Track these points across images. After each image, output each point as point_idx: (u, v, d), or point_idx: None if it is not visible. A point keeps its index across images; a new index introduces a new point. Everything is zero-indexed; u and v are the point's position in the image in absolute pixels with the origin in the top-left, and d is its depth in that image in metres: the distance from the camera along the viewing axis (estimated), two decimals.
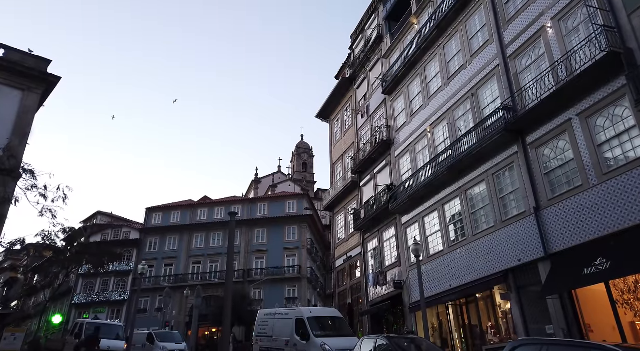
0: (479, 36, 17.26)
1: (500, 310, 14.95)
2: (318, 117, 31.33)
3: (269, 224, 45.20)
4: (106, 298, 46.26)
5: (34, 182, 7.19)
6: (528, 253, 13.41)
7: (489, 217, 15.35)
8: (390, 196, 20.36)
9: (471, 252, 15.70)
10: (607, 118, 11.85)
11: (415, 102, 20.86)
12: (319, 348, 13.27)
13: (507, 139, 14.62)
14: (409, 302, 18.53)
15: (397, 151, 21.44)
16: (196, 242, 46.82)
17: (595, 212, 11.58)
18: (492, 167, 15.42)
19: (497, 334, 14.74)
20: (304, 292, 42.50)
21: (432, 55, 19.91)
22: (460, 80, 17.80)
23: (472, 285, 15.41)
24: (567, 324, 11.92)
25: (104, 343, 18.55)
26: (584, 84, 12.13)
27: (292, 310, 16.34)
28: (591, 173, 11.91)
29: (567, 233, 12.30)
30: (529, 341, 7.69)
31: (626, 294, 11.11)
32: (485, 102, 16.37)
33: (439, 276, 17.05)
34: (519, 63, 15.08)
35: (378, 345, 10.95)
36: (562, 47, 13.30)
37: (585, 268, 11.14)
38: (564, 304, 12.12)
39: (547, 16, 14.04)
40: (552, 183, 13.22)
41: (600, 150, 11.84)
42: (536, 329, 12.91)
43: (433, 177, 17.68)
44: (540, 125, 13.66)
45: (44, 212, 10.34)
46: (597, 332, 11.55)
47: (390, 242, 20.97)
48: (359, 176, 24.71)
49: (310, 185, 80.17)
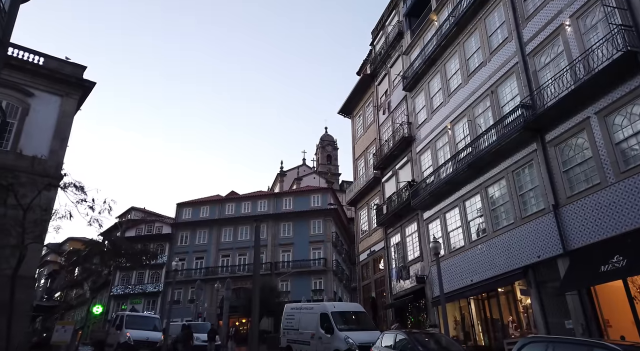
0: (498, 33, 17.31)
1: (521, 305, 15.25)
2: (340, 113, 31.78)
3: (295, 218, 46.15)
4: (142, 289, 48.41)
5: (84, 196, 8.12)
6: (547, 250, 13.64)
7: (508, 214, 15.59)
8: (412, 192, 20.74)
9: (491, 248, 15.99)
10: (624, 117, 11.91)
11: (435, 99, 21.06)
12: (343, 341, 13.96)
13: (526, 137, 14.77)
14: (432, 296, 18.98)
15: (418, 148, 21.74)
16: (225, 236, 48.30)
17: (612, 210, 11.73)
18: (511, 164, 15.61)
19: (517, 328, 15.06)
20: (330, 284, 43.35)
21: (452, 52, 20.04)
22: (479, 77, 17.92)
23: (493, 280, 15.73)
24: (586, 319, 12.17)
25: (143, 334, 19.89)
26: (601, 83, 12.19)
27: (316, 305, 17.07)
28: (609, 172, 12.03)
29: (585, 230, 12.49)
30: (537, 339, 8.12)
31: None
32: (505, 99, 16.49)
33: (461, 271, 17.40)
34: (537, 61, 15.14)
35: (398, 339, 11.54)
36: (580, 45, 13.34)
37: (603, 266, 11.34)
38: (583, 300, 12.35)
39: (565, 14, 14.05)
40: (570, 181, 13.37)
41: (618, 149, 11.94)
42: (556, 324, 13.19)
43: (454, 174, 17.95)
44: (558, 123, 13.78)
45: (92, 222, 11.44)
46: (616, 327, 11.76)
47: (412, 237, 21.39)
48: (381, 172, 25.13)
49: (335, 178, 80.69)
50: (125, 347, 19.21)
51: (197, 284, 37.85)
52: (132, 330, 19.83)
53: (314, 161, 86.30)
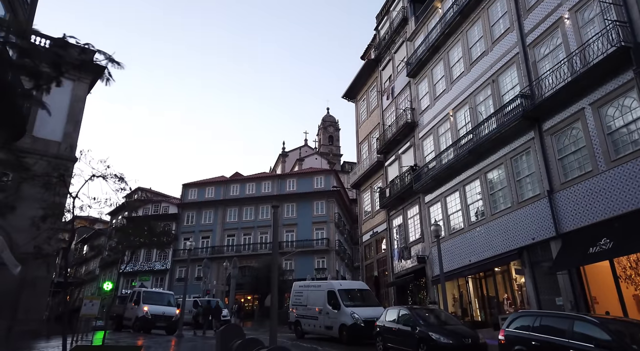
0: (500, 23, 17.82)
1: (515, 283, 16.29)
2: (344, 97, 32.33)
3: (298, 199, 47.16)
4: (150, 267, 49.90)
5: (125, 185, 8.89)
6: (541, 232, 14.56)
7: (506, 198, 16.46)
8: (414, 176, 21.59)
9: (489, 230, 16.93)
10: (616, 108, 12.64)
11: (438, 86, 21.67)
12: (349, 316, 15.06)
13: (524, 125, 15.51)
14: (432, 275, 20.05)
15: (421, 133, 22.47)
16: (230, 216, 49.48)
17: (602, 196, 12.59)
18: (510, 151, 16.39)
19: (512, 305, 16.13)
20: (333, 263, 44.71)
21: (455, 40, 20.54)
22: (481, 66, 18.51)
23: (490, 261, 16.74)
24: (575, 297, 13.18)
25: (159, 309, 21.11)
26: (596, 76, 12.86)
27: (324, 283, 18.15)
28: (600, 160, 12.83)
29: (576, 214, 13.38)
30: (526, 313, 9.12)
31: (628, 270, 12.23)
32: (505, 88, 17.14)
33: (460, 252, 18.40)
34: (537, 52, 15.73)
35: (401, 314, 12.58)
36: (577, 38, 13.94)
37: (591, 247, 12.27)
38: (572, 279, 13.34)
39: (565, 7, 14.58)
40: (565, 168, 14.19)
41: (609, 138, 12.70)
42: (547, 301, 14.23)
43: (455, 160, 18.76)
44: (555, 113, 14.50)
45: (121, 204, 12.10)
46: (602, 304, 12.78)
47: (414, 219, 22.35)
48: (384, 156, 25.92)
49: (337, 158, 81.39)
50: (143, 320, 20.45)
51: (205, 262, 39.09)
52: (149, 305, 21.05)
53: (316, 142, 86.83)
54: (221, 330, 7.43)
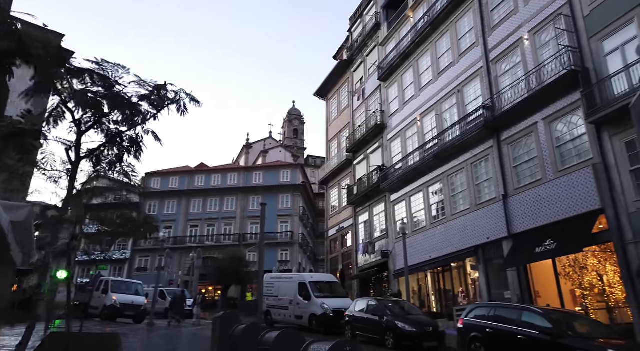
0: (466, 38, 19.20)
1: (470, 278, 17.85)
2: (316, 95, 33.15)
3: (264, 192, 47.65)
4: (108, 256, 48.82)
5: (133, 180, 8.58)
6: (495, 233, 16.10)
7: (465, 200, 17.94)
8: (382, 176, 22.82)
9: (449, 229, 18.39)
10: (565, 124, 14.25)
11: (407, 91, 22.93)
12: (319, 306, 16.06)
13: (485, 134, 16.96)
14: (394, 269, 21.41)
15: (389, 135, 23.71)
16: (194, 207, 49.28)
17: (549, 202, 14.18)
18: (471, 157, 17.85)
19: (466, 297, 17.69)
20: (296, 256, 45.72)
21: (425, 49, 21.81)
22: (448, 76, 19.86)
23: (449, 257, 18.22)
24: (521, 291, 14.79)
25: (128, 298, 21.30)
26: (549, 94, 14.40)
27: (295, 275, 19.07)
28: (549, 170, 14.42)
29: (526, 217, 14.96)
30: (483, 305, 10.43)
31: (567, 268, 13.92)
32: (469, 98, 18.57)
33: (421, 248, 19.81)
34: (499, 67, 17.20)
35: (369, 305, 13.71)
36: (535, 58, 15.45)
37: (538, 247, 13.84)
38: (520, 275, 14.95)
39: (525, 28, 16.07)
40: (518, 175, 15.75)
41: (557, 151, 14.30)
42: (497, 294, 15.80)
43: (420, 162, 20.09)
44: (512, 125, 16.00)
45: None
46: (544, 297, 14.43)
47: (379, 216, 23.64)
48: (353, 155, 27.04)
49: (301, 152, 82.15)
50: (111, 309, 20.58)
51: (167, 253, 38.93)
52: (117, 294, 21.17)
53: (281, 134, 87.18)
54: (218, 317, 8.11)
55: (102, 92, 6.39)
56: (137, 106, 6.45)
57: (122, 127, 6.65)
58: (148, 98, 6.48)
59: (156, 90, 6.44)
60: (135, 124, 6.65)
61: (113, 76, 6.43)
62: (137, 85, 6.59)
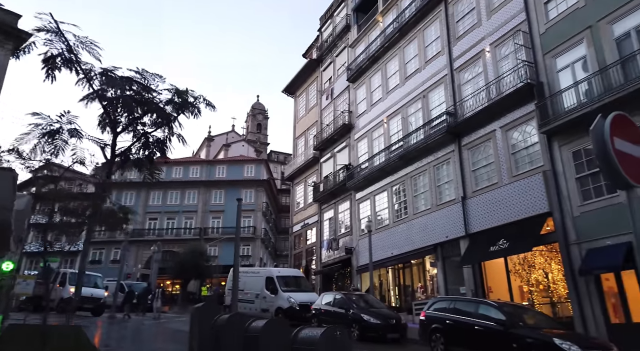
0: (433, 46, 20.15)
1: (428, 274, 18.87)
2: (284, 92, 33.40)
3: (227, 186, 47.35)
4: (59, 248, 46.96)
5: None
6: (453, 232, 17.13)
7: (427, 201, 18.92)
8: (348, 174, 23.51)
9: (411, 228, 19.32)
10: (520, 133, 15.41)
11: (375, 94, 23.70)
12: (286, 300, 16.53)
13: (447, 139, 17.95)
14: (357, 265, 22.19)
15: (357, 135, 24.43)
16: (153, 199, 48.25)
17: (503, 204, 15.31)
18: (433, 160, 18.82)
19: (424, 292, 18.70)
20: (257, 251, 45.84)
21: (393, 54, 22.63)
22: (415, 81, 20.76)
23: (409, 254, 19.16)
24: (475, 286, 15.89)
25: (87, 291, 20.82)
26: (507, 104, 15.50)
27: (262, 270, 19.42)
28: (504, 175, 15.55)
29: (482, 218, 16.05)
30: (444, 298, 11.27)
31: (517, 266, 15.12)
32: (434, 104, 19.53)
33: (384, 245, 20.65)
34: (462, 76, 18.24)
35: (336, 298, 14.32)
36: (495, 70, 16.55)
37: (492, 246, 14.94)
38: (475, 272, 16.05)
39: (487, 41, 17.15)
40: (477, 179, 16.83)
41: (512, 157, 15.44)
42: (453, 289, 16.87)
43: (386, 163, 20.91)
44: (473, 131, 17.06)
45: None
46: (496, 292, 15.59)
47: (344, 214, 24.35)
48: (320, 153, 27.59)
49: (264, 147, 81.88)
50: (68, 302, 20.05)
51: (124, 245, 38.05)
52: None
53: (244, 129, 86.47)
54: (196, 308, 8.36)
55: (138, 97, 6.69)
56: (164, 110, 6.76)
57: (149, 128, 6.98)
58: (173, 102, 6.80)
59: (177, 94, 6.74)
60: (160, 126, 6.96)
61: (148, 84, 6.73)
62: (168, 92, 6.95)
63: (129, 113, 6.80)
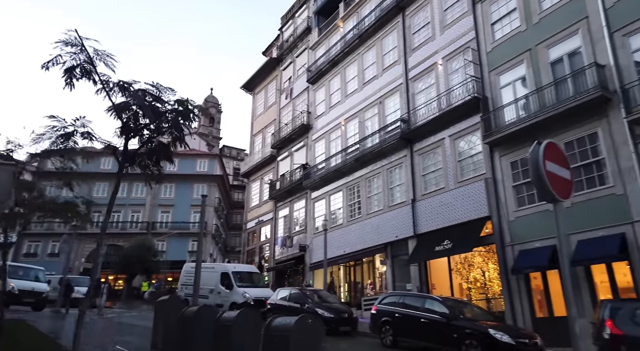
0: (390, 55, 21.18)
1: (378, 272, 19.91)
2: (243, 88, 33.38)
3: (178, 180, 46.40)
4: None
5: None
6: (403, 232, 18.23)
7: (380, 202, 19.92)
8: (304, 174, 24.11)
9: (363, 227, 20.26)
10: (466, 142, 16.72)
11: (334, 97, 24.45)
12: (241, 295, 16.85)
13: (400, 144, 19.02)
14: (310, 262, 22.88)
15: (314, 136, 25.08)
16: (98, 191, 46.25)
17: (449, 208, 16.56)
18: (387, 164, 19.84)
19: (373, 289, 19.72)
20: (207, 247, 45.30)
21: (352, 60, 23.49)
22: (372, 87, 21.72)
23: (361, 252, 20.10)
24: (421, 283, 17.06)
25: (28, 284, 20.00)
26: (455, 115, 16.75)
27: (217, 265, 19.56)
28: (450, 180, 16.80)
29: (429, 220, 17.25)
30: (394, 294, 12.19)
31: (459, 265, 16.43)
32: (389, 110, 20.56)
33: (337, 243, 21.47)
34: (416, 86, 19.38)
35: (291, 293, 14.89)
36: (446, 82, 17.79)
37: (437, 246, 16.14)
38: (420, 269, 17.22)
39: (439, 55, 18.37)
40: (426, 183, 18.02)
41: (459, 165, 16.73)
42: (400, 286, 17.96)
43: (342, 164, 21.73)
44: (424, 138, 18.22)
45: None
46: (439, 289, 16.82)
47: (299, 212, 24.94)
48: (278, 151, 27.98)
49: (216, 141, 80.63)
50: (8, 295, 19.15)
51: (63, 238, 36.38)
52: (15, 280, 19.73)
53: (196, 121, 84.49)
54: (158, 302, 8.59)
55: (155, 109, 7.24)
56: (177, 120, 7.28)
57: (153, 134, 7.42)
58: (176, 111, 7.25)
59: (179, 104, 7.17)
60: (164, 132, 7.42)
61: (160, 95, 7.21)
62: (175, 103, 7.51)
63: (148, 123, 7.32)
